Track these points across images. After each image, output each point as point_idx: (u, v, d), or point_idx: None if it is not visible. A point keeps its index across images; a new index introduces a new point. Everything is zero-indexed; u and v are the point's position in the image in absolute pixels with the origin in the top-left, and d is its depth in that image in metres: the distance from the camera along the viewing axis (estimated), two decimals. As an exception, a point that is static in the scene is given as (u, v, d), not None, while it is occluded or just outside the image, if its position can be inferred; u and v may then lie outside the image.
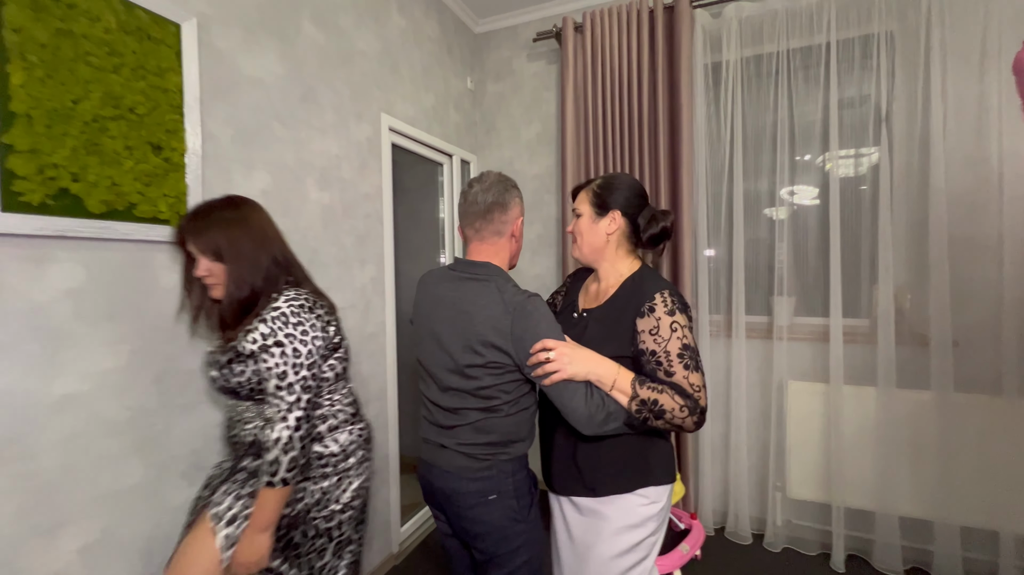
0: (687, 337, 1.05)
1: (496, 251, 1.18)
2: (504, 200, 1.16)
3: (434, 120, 2.58)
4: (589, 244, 1.21)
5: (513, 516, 1.13)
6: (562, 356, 1.02)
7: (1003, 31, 1.89)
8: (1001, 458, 1.95)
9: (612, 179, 1.22)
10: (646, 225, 1.18)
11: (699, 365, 1.05)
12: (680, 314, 1.07)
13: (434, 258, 2.85)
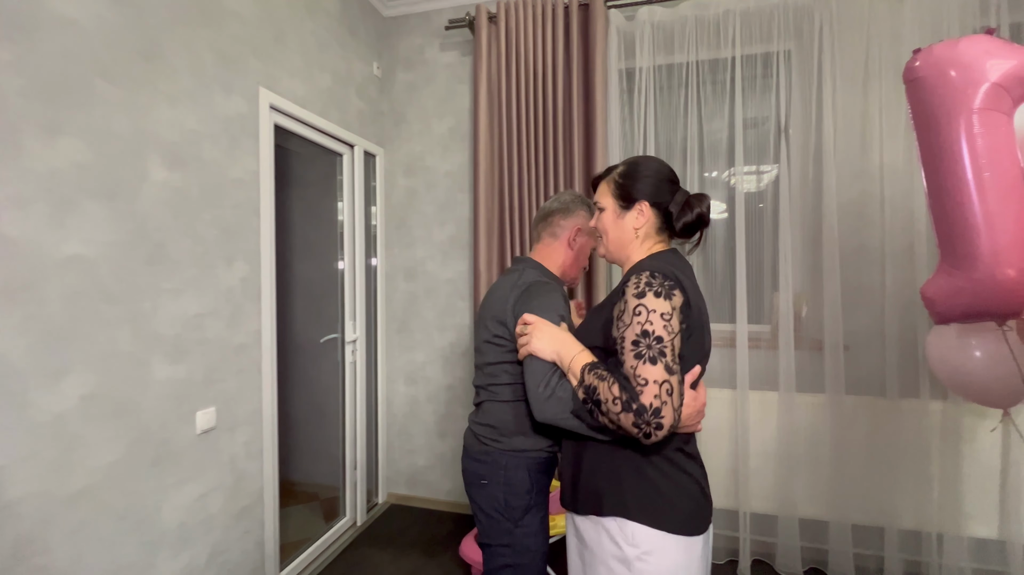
0: (652, 323, 0.86)
1: (548, 253, 1.28)
2: (569, 207, 1.28)
3: (331, 104, 2.31)
4: (616, 241, 1.07)
5: (498, 509, 1.16)
6: (533, 331, 1.03)
7: (882, 53, 2.02)
8: (886, 456, 2.05)
9: (636, 165, 1.06)
10: (679, 213, 1.01)
11: (658, 357, 0.84)
12: (652, 297, 0.87)
13: (332, 261, 2.55)
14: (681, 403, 0.85)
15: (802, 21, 2.13)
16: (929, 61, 1.32)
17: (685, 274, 0.95)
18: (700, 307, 0.94)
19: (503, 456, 1.17)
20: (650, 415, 0.82)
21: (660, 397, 0.82)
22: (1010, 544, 1.92)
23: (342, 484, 2.56)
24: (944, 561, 1.98)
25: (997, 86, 1.24)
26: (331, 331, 2.56)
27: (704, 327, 0.95)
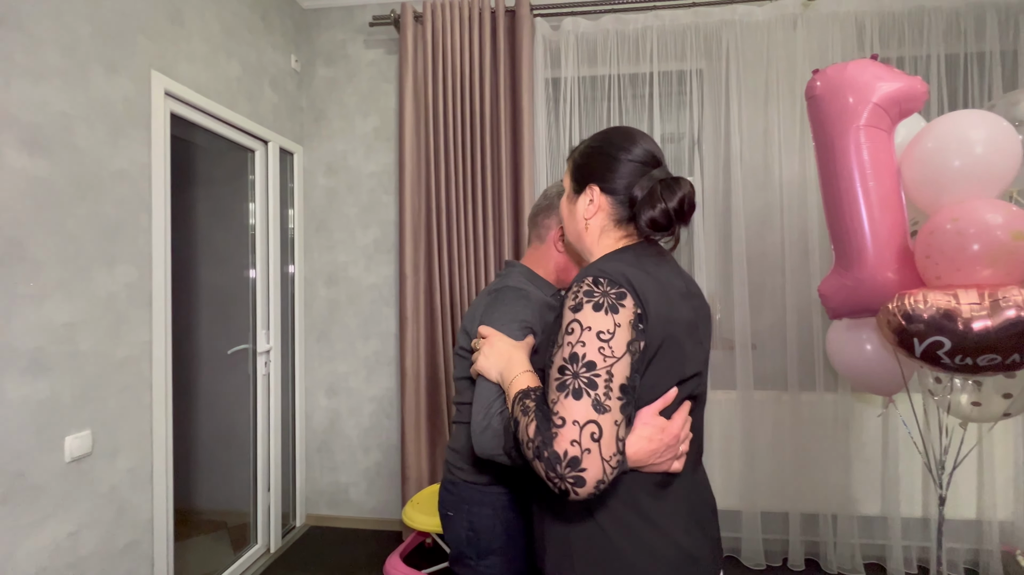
0: (584, 345, 0.65)
1: (537, 257, 1.09)
2: (552, 203, 1.07)
3: (241, 95, 2.14)
4: (572, 233, 0.87)
5: (461, 548, 1.01)
6: (483, 346, 0.86)
7: (780, 76, 2.21)
8: (789, 446, 2.22)
9: (602, 137, 0.84)
10: (643, 204, 0.76)
11: (584, 390, 0.63)
12: (590, 311, 0.66)
13: (243, 266, 2.35)
14: (618, 450, 0.63)
15: (711, 42, 2.29)
16: (826, 81, 1.45)
17: (653, 277, 0.73)
18: (671, 317, 0.71)
19: (467, 489, 1.00)
20: (564, 467, 0.61)
21: (580, 443, 0.61)
22: (891, 519, 2.14)
23: (253, 508, 2.35)
24: (838, 539, 2.17)
25: (878, 106, 1.38)
26: (241, 341, 2.34)
27: (679, 341, 0.72)
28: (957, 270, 1.22)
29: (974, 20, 2.14)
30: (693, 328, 0.75)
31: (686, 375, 0.73)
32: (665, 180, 0.77)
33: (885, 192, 1.40)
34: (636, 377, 0.67)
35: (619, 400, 0.64)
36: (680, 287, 0.76)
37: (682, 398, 0.74)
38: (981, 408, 1.40)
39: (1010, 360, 1.12)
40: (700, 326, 0.77)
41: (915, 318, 1.19)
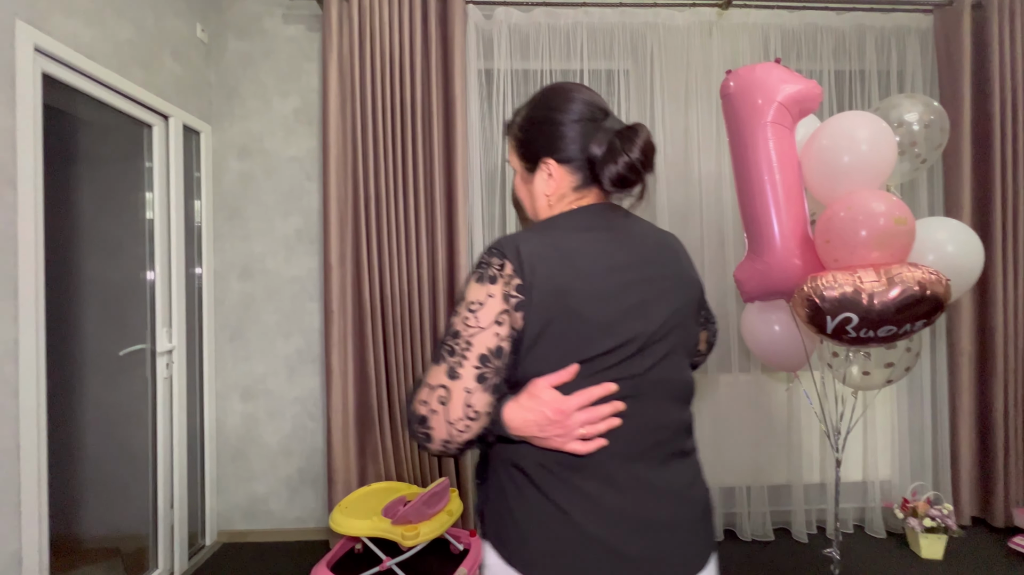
0: (458, 315, 0.68)
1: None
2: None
3: (134, 62, 1.89)
4: (533, 212, 0.82)
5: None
6: None
7: (698, 78, 2.36)
8: (710, 425, 2.37)
9: (537, 105, 0.78)
10: (604, 162, 0.72)
11: (443, 357, 0.67)
12: (473, 283, 0.69)
13: (139, 259, 2.07)
14: (467, 416, 0.65)
15: (637, 43, 2.39)
16: (738, 81, 1.56)
17: (563, 247, 0.69)
18: (569, 289, 0.67)
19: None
20: (416, 424, 0.67)
21: (428, 404, 0.66)
22: (795, 487, 2.36)
23: (153, 529, 2.08)
24: (751, 509, 2.35)
25: (782, 105, 1.51)
26: (137, 341, 2.07)
27: (581, 316, 0.67)
28: (851, 253, 1.36)
29: (856, 40, 2.42)
30: (614, 302, 0.68)
31: (593, 353, 0.67)
32: (621, 131, 0.72)
33: (789, 184, 1.53)
34: (504, 348, 0.67)
35: (475, 369, 0.65)
36: (614, 258, 0.70)
37: (598, 378, 0.68)
38: (869, 377, 1.58)
39: (903, 330, 1.27)
40: (640, 302, 0.70)
41: (827, 298, 1.31)
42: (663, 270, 0.74)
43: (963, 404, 2.34)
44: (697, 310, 0.80)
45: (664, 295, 0.73)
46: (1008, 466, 2.32)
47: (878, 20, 2.41)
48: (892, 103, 1.63)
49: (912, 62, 2.43)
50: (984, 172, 2.36)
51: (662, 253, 0.76)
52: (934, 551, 2.12)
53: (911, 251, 1.41)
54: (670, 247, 0.79)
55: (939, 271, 1.29)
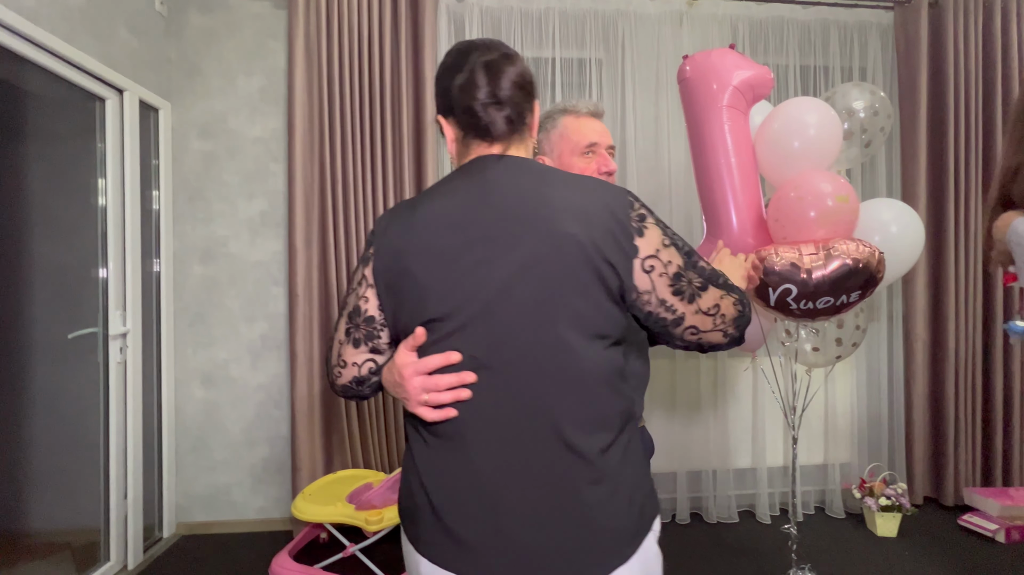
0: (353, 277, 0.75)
1: None
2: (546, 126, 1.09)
3: (85, 30, 1.81)
4: None
5: None
6: None
7: (669, 68, 2.38)
8: (677, 410, 2.40)
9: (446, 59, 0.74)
10: (458, 100, 0.69)
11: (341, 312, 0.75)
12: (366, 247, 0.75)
13: (90, 238, 1.99)
14: (339, 363, 0.73)
15: (609, 31, 2.40)
16: (694, 66, 1.58)
17: (412, 206, 0.69)
18: (405, 249, 0.66)
19: None
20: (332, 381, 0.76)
21: (331, 352, 0.75)
22: (759, 470, 2.41)
23: (104, 522, 2.00)
24: (717, 492, 2.39)
25: (737, 90, 1.54)
26: (87, 324, 1.99)
27: (414, 277, 0.65)
28: (799, 231, 1.40)
29: (821, 34, 2.48)
30: (451, 263, 0.64)
31: (429, 316, 0.65)
32: (486, 61, 0.67)
33: (744, 166, 1.56)
34: (362, 307, 0.71)
35: (345, 325, 0.73)
36: (457, 215, 0.66)
37: (442, 346, 0.65)
38: (820, 353, 1.63)
39: (840, 301, 1.32)
40: (481, 261, 0.63)
41: (769, 270, 1.35)
42: (518, 226, 0.64)
43: (917, 389, 2.43)
44: (595, 274, 0.63)
45: (512, 254, 0.63)
46: (959, 448, 2.42)
47: (842, 15, 2.48)
48: (841, 91, 1.68)
49: (873, 57, 2.50)
50: (939, 164, 2.45)
51: (525, 207, 0.64)
52: (889, 529, 2.19)
53: (855, 230, 1.45)
54: (542, 199, 0.65)
55: (874, 245, 1.34)
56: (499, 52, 0.69)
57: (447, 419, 0.65)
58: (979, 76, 2.42)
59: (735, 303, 0.72)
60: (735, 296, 0.72)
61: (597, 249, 0.63)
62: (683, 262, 0.68)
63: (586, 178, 0.70)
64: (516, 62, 0.70)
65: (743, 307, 0.73)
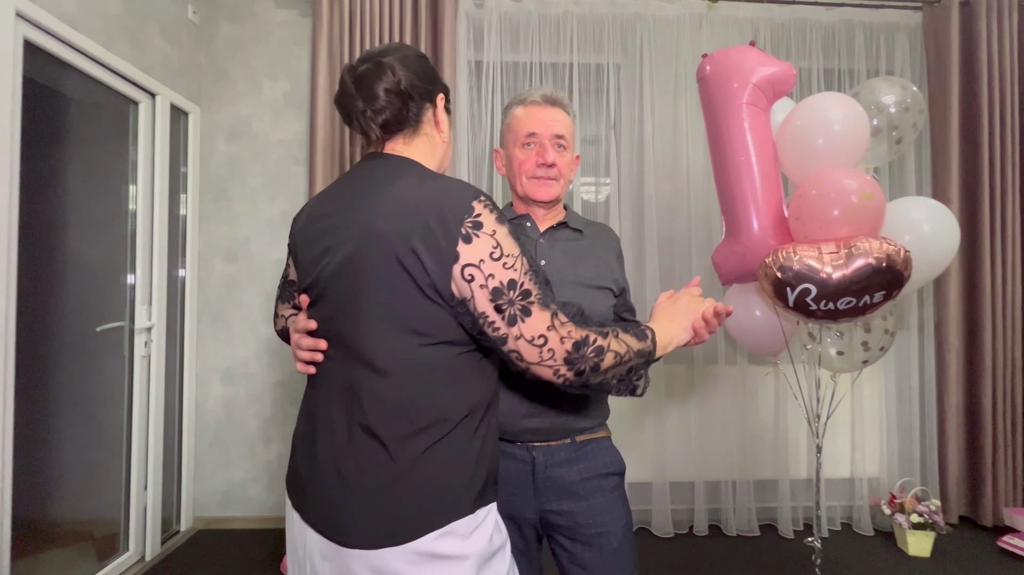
0: None
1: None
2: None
3: (122, 37, 1.90)
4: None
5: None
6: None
7: (688, 71, 2.36)
8: (697, 417, 2.34)
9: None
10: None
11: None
12: None
13: (121, 235, 2.06)
14: (274, 315, 0.93)
15: (627, 35, 2.39)
16: (713, 64, 1.56)
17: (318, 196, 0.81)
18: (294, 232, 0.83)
19: None
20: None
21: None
22: (781, 482, 2.32)
23: (124, 513, 2.04)
24: (737, 504, 2.31)
25: (757, 87, 1.51)
26: (115, 318, 2.05)
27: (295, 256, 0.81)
28: (821, 229, 1.35)
29: (846, 36, 2.43)
30: (310, 248, 0.77)
31: (303, 286, 0.79)
32: (358, 74, 0.74)
33: (765, 165, 1.52)
34: (288, 273, 0.90)
35: (279, 284, 0.92)
36: (322, 207, 0.78)
37: (310, 311, 0.78)
38: (845, 357, 1.56)
39: (863, 302, 1.26)
40: (325, 249, 0.74)
41: (787, 269, 1.31)
42: (351, 219, 0.72)
43: (951, 401, 2.31)
44: (404, 272, 0.67)
45: (341, 246, 0.71)
46: (996, 464, 2.29)
47: (867, 16, 2.43)
48: (869, 87, 1.63)
49: (901, 59, 2.44)
50: (972, 168, 2.36)
51: (360, 203, 0.72)
52: (922, 548, 2.08)
53: (882, 228, 1.40)
54: (376, 196, 0.70)
55: (898, 243, 1.28)
56: (373, 62, 0.74)
57: (310, 374, 0.79)
58: (1015, 76, 2.34)
59: (573, 345, 0.67)
60: (576, 337, 0.67)
61: (408, 248, 0.66)
62: (509, 280, 0.66)
63: (441, 179, 0.72)
64: (389, 70, 0.74)
65: (582, 351, 0.67)
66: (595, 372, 0.69)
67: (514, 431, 0.98)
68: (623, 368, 0.73)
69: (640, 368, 0.78)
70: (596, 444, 1.03)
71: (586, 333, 0.69)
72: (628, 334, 0.74)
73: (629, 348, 0.73)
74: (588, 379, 0.70)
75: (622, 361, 0.72)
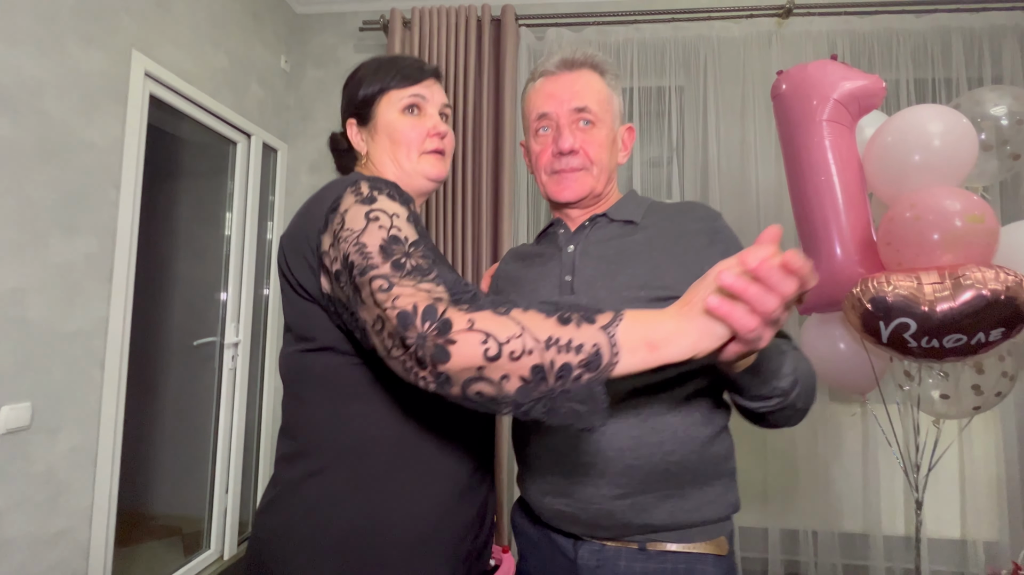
0: None
1: None
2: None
3: (225, 87, 2.16)
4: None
5: None
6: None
7: (755, 88, 2.27)
8: (766, 457, 2.15)
9: None
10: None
11: None
12: None
13: (216, 258, 2.31)
14: None
15: (690, 56, 2.36)
16: (789, 81, 1.49)
17: None
18: None
19: None
20: None
21: None
22: (872, 537, 2.06)
23: (208, 512, 2.23)
24: (819, 558, 2.08)
25: (839, 102, 1.42)
26: (209, 334, 2.29)
27: None
28: (918, 256, 1.21)
29: (940, 44, 2.22)
30: None
31: None
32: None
33: (848, 184, 1.41)
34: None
35: None
36: None
37: None
38: (951, 402, 1.37)
39: (975, 340, 1.10)
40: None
41: (879, 301, 1.18)
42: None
43: (1093, 456, 1.95)
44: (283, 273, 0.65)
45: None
46: None
47: (966, 21, 2.21)
48: (975, 97, 1.47)
49: (1011, 65, 2.18)
50: (1109, 183, 2.03)
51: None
52: (1057, 633, 1.74)
53: (994, 255, 1.23)
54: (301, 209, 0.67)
55: (1020, 273, 1.12)
56: None
57: None
58: None
59: (398, 316, 0.47)
60: (406, 305, 0.47)
61: (287, 248, 0.64)
62: (343, 256, 0.54)
63: (341, 179, 0.64)
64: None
65: (413, 323, 0.46)
66: (442, 361, 0.45)
67: (542, 511, 0.72)
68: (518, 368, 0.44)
69: (583, 382, 0.44)
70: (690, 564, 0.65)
71: (431, 301, 0.47)
72: (543, 315, 0.46)
73: (528, 333, 0.44)
74: (442, 379, 0.46)
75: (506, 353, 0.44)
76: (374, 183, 0.61)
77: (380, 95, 0.75)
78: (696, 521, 0.67)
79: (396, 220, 0.56)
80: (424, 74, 0.77)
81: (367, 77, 0.76)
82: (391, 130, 0.73)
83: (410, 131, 0.74)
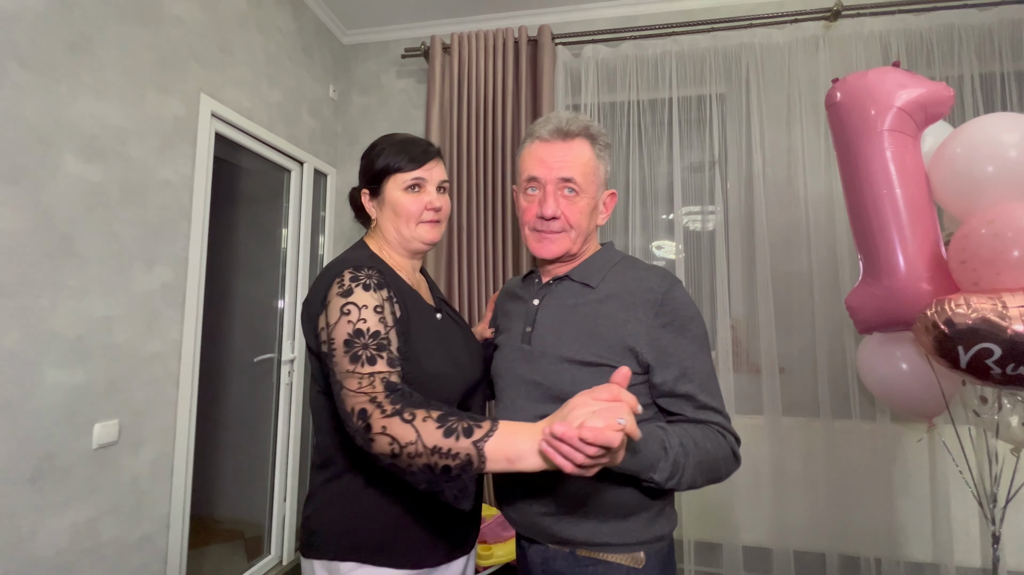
0: None
1: None
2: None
3: (280, 119, 2.31)
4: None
5: None
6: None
7: (802, 95, 2.20)
8: (823, 478, 2.06)
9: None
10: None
11: None
12: None
13: (274, 279, 2.46)
14: None
15: (731, 64, 2.31)
16: (846, 89, 1.44)
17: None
18: None
19: None
20: None
21: None
22: (943, 567, 1.93)
23: (268, 519, 2.36)
24: (883, 587, 1.97)
25: (902, 111, 1.36)
26: (268, 350, 2.43)
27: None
28: (997, 275, 1.14)
29: (1009, 36, 2.08)
30: None
31: None
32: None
33: (913, 197, 1.34)
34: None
35: None
36: None
37: None
38: (1030, 430, 1.28)
39: None
40: None
41: (959, 325, 1.11)
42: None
43: None
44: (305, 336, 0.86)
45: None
46: None
47: (1038, 11, 2.05)
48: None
49: (1093, 55, 2.01)
50: None
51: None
52: None
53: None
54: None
55: None
56: None
57: None
58: None
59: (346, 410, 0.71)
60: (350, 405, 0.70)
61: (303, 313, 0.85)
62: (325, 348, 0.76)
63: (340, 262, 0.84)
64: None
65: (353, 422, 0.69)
66: (367, 446, 0.68)
67: (509, 516, 0.91)
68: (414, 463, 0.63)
69: (458, 480, 0.72)
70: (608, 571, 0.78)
71: (364, 404, 0.68)
72: (436, 425, 0.63)
73: (420, 441, 0.62)
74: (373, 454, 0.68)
75: (405, 454, 0.63)
76: (355, 275, 0.79)
77: (388, 176, 0.91)
78: (614, 542, 0.80)
79: (364, 312, 0.76)
80: (428, 156, 0.92)
81: (381, 155, 0.92)
82: (396, 205, 0.90)
83: (411, 206, 0.90)
